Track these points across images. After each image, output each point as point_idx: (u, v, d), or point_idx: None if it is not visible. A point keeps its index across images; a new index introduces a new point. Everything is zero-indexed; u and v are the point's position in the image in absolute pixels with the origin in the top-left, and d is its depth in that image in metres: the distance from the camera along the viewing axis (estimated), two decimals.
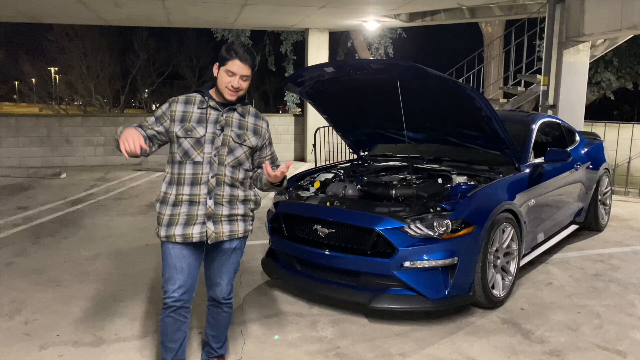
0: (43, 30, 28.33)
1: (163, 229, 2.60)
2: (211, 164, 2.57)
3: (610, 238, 5.80)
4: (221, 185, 2.59)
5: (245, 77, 2.58)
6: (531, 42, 10.24)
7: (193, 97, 2.65)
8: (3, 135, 11.08)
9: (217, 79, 2.59)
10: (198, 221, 2.57)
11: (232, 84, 2.55)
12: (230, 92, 2.57)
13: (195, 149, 2.56)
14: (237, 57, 2.53)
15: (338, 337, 3.45)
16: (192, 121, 2.58)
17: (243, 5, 9.29)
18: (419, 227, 3.56)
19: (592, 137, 6.40)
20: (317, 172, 4.91)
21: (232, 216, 2.65)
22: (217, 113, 2.61)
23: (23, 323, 3.62)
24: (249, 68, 2.57)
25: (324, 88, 4.48)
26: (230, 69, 2.54)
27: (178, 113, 2.59)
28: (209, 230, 2.58)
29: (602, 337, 3.47)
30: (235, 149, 2.62)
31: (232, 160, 2.62)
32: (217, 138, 2.59)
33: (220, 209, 2.60)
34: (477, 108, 3.97)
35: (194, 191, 2.56)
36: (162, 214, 2.61)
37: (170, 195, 2.60)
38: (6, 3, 9.01)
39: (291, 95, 16.77)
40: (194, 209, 2.57)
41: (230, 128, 2.62)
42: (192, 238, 2.57)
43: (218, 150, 2.58)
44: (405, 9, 10.18)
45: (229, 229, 2.64)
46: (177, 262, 2.61)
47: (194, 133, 2.57)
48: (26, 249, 5.33)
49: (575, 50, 7.88)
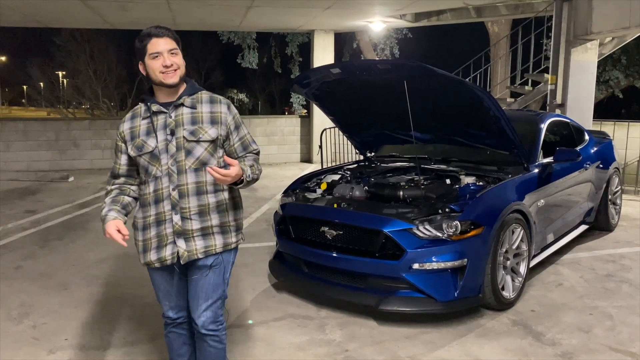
0: (50, 35, 28.49)
1: (141, 256, 2.42)
2: (170, 175, 2.29)
3: (621, 238, 5.73)
4: (185, 197, 2.29)
5: (173, 50, 2.25)
6: (538, 41, 10.19)
7: (138, 109, 2.37)
8: (12, 139, 11.14)
9: (149, 75, 2.27)
10: (169, 241, 2.32)
11: (164, 63, 2.22)
12: (168, 74, 2.23)
13: (153, 163, 2.30)
14: (152, 36, 2.23)
15: (347, 340, 3.43)
16: (141, 135, 2.30)
17: (248, 7, 9.30)
18: (427, 229, 3.53)
19: (601, 136, 6.34)
20: (323, 173, 4.89)
21: (205, 229, 2.34)
22: (164, 116, 2.30)
23: (31, 327, 3.62)
24: (170, 40, 2.25)
25: (330, 89, 4.46)
26: (153, 52, 2.22)
27: (126, 132, 2.34)
28: (181, 249, 2.32)
29: (614, 338, 3.42)
30: (193, 150, 2.29)
31: (193, 162, 2.30)
32: (170, 144, 2.28)
33: (188, 223, 2.31)
34: (485, 108, 3.94)
35: (159, 209, 2.32)
36: (137, 240, 2.42)
37: (139, 220, 2.40)
38: (14, 8, 9.07)
39: (297, 97, 16.81)
40: (162, 229, 2.32)
41: (181, 127, 2.28)
42: (167, 261, 2.34)
43: (175, 158, 2.28)
44: (410, 9, 10.14)
45: (204, 245, 2.34)
46: (162, 286, 2.47)
47: (145, 147, 2.29)
48: (34, 253, 5.34)
49: (583, 48, 7.80)
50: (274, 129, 12.68)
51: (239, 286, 4.34)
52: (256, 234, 5.99)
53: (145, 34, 2.25)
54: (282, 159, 12.64)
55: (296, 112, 15.60)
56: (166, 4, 8.87)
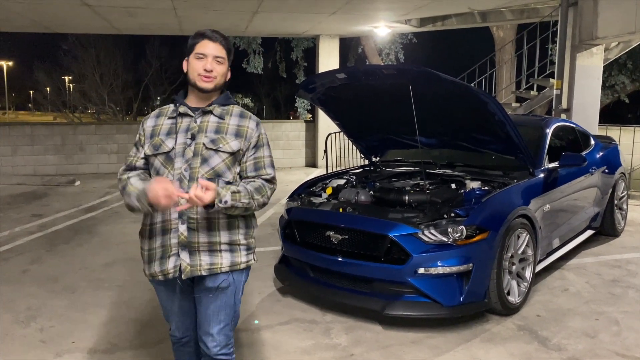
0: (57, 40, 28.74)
1: (145, 266, 2.26)
2: (181, 180, 2.12)
3: (627, 243, 5.71)
4: (194, 206, 2.09)
5: (219, 59, 2.17)
6: (543, 45, 10.18)
7: (166, 108, 2.28)
8: (19, 143, 11.23)
9: (188, 73, 2.19)
10: (172, 252, 2.16)
11: (205, 67, 2.14)
12: (204, 78, 2.15)
13: (166, 166, 2.16)
14: (205, 38, 2.17)
15: (352, 344, 3.43)
16: (161, 134, 2.19)
17: (254, 13, 9.35)
18: (433, 233, 3.53)
19: (607, 141, 6.33)
20: (329, 178, 4.91)
21: (213, 245, 2.17)
22: (189, 120, 2.19)
23: (39, 330, 3.64)
24: (222, 48, 2.18)
25: (335, 94, 4.48)
26: (199, 52, 2.16)
27: (148, 129, 2.23)
28: (184, 263, 2.14)
29: (621, 344, 3.41)
30: (209, 158, 2.15)
31: (207, 171, 2.14)
32: (188, 149, 2.15)
33: (195, 235, 2.14)
34: (491, 113, 3.95)
35: (165, 217, 2.15)
36: (143, 249, 2.27)
37: (146, 227, 2.24)
38: (22, 13, 9.16)
39: (302, 102, 16.85)
40: (167, 238, 2.16)
41: (203, 134, 2.16)
42: (169, 274, 2.17)
43: (190, 163, 2.14)
44: (416, 14, 10.17)
45: (209, 262, 2.16)
46: (167, 304, 2.33)
47: (162, 147, 2.17)
48: (41, 257, 5.38)
49: (588, 53, 7.80)
50: (279, 133, 12.71)
51: (245, 290, 4.33)
52: (261, 238, 6.01)
53: (200, 34, 2.19)
54: (287, 164, 12.67)
55: (301, 116, 15.63)
56: (172, 10, 8.94)
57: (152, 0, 8.32)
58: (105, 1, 8.29)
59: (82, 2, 8.27)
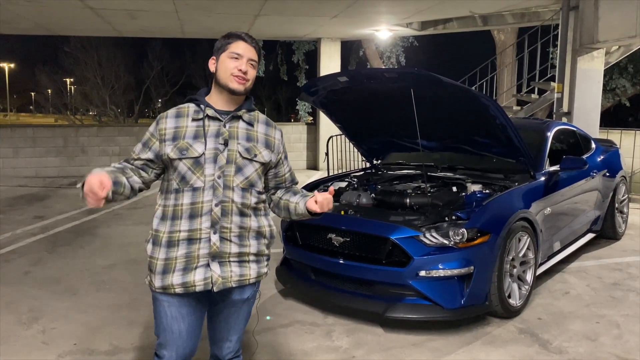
0: (59, 42, 28.82)
1: (157, 277, 2.07)
2: (214, 188, 2.03)
3: (628, 246, 5.72)
4: (228, 215, 2.05)
5: (253, 62, 2.11)
6: (544, 49, 10.22)
7: (185, 108, 2.13)
8: (20, 145, 11.26)
9: (217, 72, 2.09)
10: (200, 263, 2.04)
11: (240, 68, 2.05)
12: (239, 80, 2.06)
13: (195, 171, 2.03)
14: (240, 39, 2.09)
15: (353, 346, 3.44)
16: (187, 137, 2.05)
17: (256, 15, 9.38)
18: (434, 236, 3.54)
19: (608, 145, 6.34)
20: (330, 180, 4.92)
21: (242, 255, 2.10)
22: (217, 124, 2.08)
23: (41, 332, 3.65)
24: (255, 52, 2.12)
25: (337, 97, 4.49)
26: (235, 51, 2.07)
27: (169, 130, 2.07)
28: (215, 275, 2.04)
29: (622, 347, 3.41)
30: (244, 167, 2.08)
31: (241, 181, 2.08)
32: (221, 155, 2.05)
33: (228, 246, 2.06)
34: (492, 116, 3.96)
35: (194, 225, 2.03)
36: (155, 258, 2.08)
37: (163, 234, 2.07)
38: (25, 16, 9.19)
39: (303, 104, 16.87)
40: (194, 248, 2.03)
41: (236, 141, 2.08)
42: (195, 287, 2.04)
43: (223, 171, 2.05)
44: (417, 17, 10.20)
45: (239, 273, 2.10)
46: (175, 325, 2.10)
47: (190, 152, 2.04)
48: (43, 258, 5.39)
49: (589, 57, 7.82)
50: None
51: None
52: None
53: (234, 35, 2.11)
54: None
55: (302, 119, 15.66)
56: (175, 13, 8.97)
57: (155, 3, 8.36)
58: (107, 4, 8.33)
59: (84, 5, 8.31)
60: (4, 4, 8.15)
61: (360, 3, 8.31)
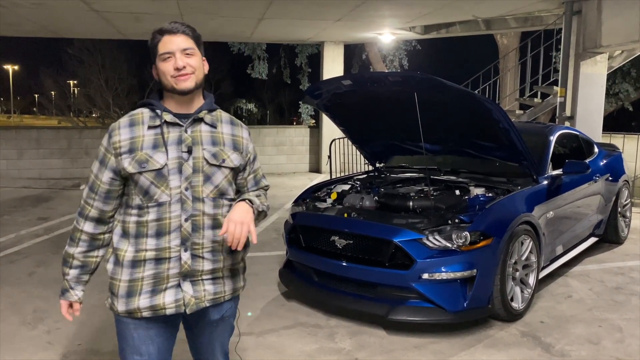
0: (63, 45, 28.93)
1: (121, 301, 1.88)
2: (182, 202, 1.84)
3: (630, 251, 5.72)
4: (200, 230, 1.86)
5: (189, 50, 1.86)
6: (547, 53, 10.21)
7: (139, 114, 1.89)
8: (24, 147, 11.31)
9: (160, 79, 1.88)
10: (170, 284, 1.85)
11: (177, 66, 1.83)
12: (181, 77, 1.84)
13: (158, 185, 1.83)
14: (165, 33, 1.86)
15: (356, 348, 3.45)
16: (145, 148, 1.83)
17: (260, 19, 9.43)
18: (437, 239, 3.56)
19: (610, 149, 6.35)
20: (333, 183, 4.94)
21: (216, 272, 1.92)
22: (178, 130, 1.86)
23: (45, 332, 3.68)
24: (187, 38, 1.86)
25: (341, 100, 4.52)
26: (163, 52, 1.84)
27: (124, 142, 1.84)
28: (187, 296, 1.86)
29: (624, 350, 3.42)
30: (213, 175, 1.88)
31: (211, 190, 1.88)
32: (186, 164, 1.85)
33: (200, 263, 1.87)
34: (495, 120, 3.98)
35: (162, 244, 1.83)
36: (117, 279, 1.89)
37: (127, 254, 1.87)
38: (30, 18, 9.25)
39: (305, 107, 16.91)
40: (164, 268, 1.84)
41: (200, 146, 1.87)
42: (165, 309, 1.85)
43: (190, 181, 1.85)
44: (420, 21, 10.23)
45: (213, 291, 1.92)
46: (143, 346, 1.92)
47: (151, 164, 1.82)
48: (47, 259, 5.41)
49: (592, 61, 7.83)
50: (283, 139, 12.77)
51: (250, 295, 4.38)
52: (266, 243, 6.04)
53: (157, 31, 1.88)
54: (291, 169, 12.71)
55: (304, 122, 15.69)
56: (179, 16, 9.02)
57: (159, 6, 8.40)
58: (112, 7, 8.38)
59: (89, 8, 8.36)
60: (9, 7, 8.21)
61: (364, 7, 8.34)
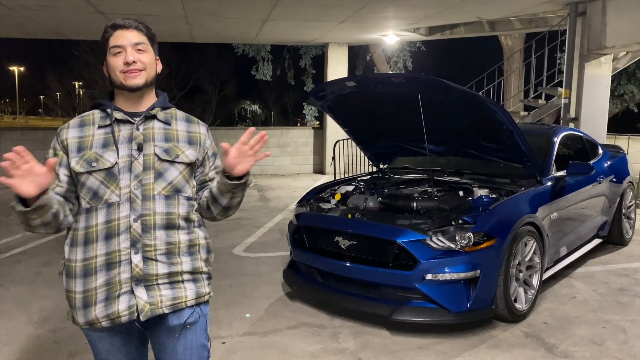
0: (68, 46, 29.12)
1: (80, 313, 1.78)
2: (131, 201, 1.75)
3: (635, 252, 5.71)
4: (150, 231, 1.76)
5: (140, 45, 1.80)
6: (552, 54, 10.21)
7: (89, 116, 1.83)
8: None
9: (110, 75, 1.81)
10: (123, 290, 1.74)
11: (127, 60, 1.76)
12: (130, 73, 1.77)
13: (108, 184, 1.75)
14: (117, 28, 1.81)
15: (360, 349, 3.47)
16: (95, 147, 1.77)
17: (264, 20, 9.46)
18: (440, 240, 3.57)
19: (615, 150, 6.34)
20: (337, 184, 4.96)
21: (174, 275, 1.80)
22: (129, 127, 1.80)
23: (52, 331, 3.71)
24: (139, 33, 1.81)
25: (345, 102, 4.54)
26: (114, 45, 1.79)
27: (71, 141, 1.78)
28: (140, 302, 1.74)
29: (628, 352, 3.42)
30: (165, 171, 1.80)
31: (164, 187, 1.79)
32: (136, 161, 1.77)
33: (153, 266, 1.76)
34: (499, 121, 3.99)
35: (111, 247, 1.74)
36: (72, 292, 1.78)
37: (75, 264, 1.77)
38: (37, 20, 9.32)
39: (310, 109, 16.94)
40: (114, 273, 1.74)
41: (152, 143, 1.80)
42: (120, 317, 1.75)
43: (140, 180, 1.76)
44: (424, 22, 10.24)
45: (172, 296, 1.79)
46: (111, 357, 1.87)
47: (100, 162, 1.75)
48: (53, 259, 5.46)
49: (597, 62, 7.83)
50: (287, 140, 12.80)
51: (254, 295, 4.41)
52: (270, 243, 6.06)
53: (109, 26, 1.82)
54: (295, 170, 12.74)
55: (309, 123, 15.72)
56: (184, 18, 9.06)
57: (165, 8, 8.45)
58: (118, 8, 8.43)
59: (95, 10, 8.41)
60: (15, 8, 8.27)
61: (368, 8, 8.36)
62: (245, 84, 35.00)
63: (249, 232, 6.56)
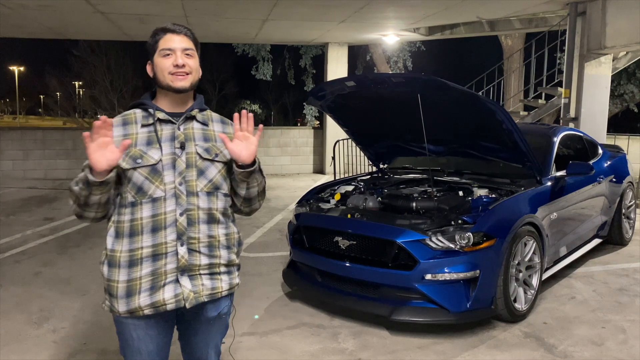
0: (68, 46, 29.10)
1: (121, 302, 1.87)
2: (177, 196, 1.87)
3: (634, 252, 5.71)
4: (195, 224, 1.90)
5: (189, 51, 1.91)
6: (552, 54, 10.20)
7: (131, 115, 1.94)
8: (30, 147, 11.38)
9: (156, 75, 1.93)
10: (169, 280, 1.87)
11: (176, 63, 1.88)
12: (179, 76, 1.88)
13: (153, 180, 1.86)
14: (167, 32, 1.91)
15: (359, 349, 3.47)
16: (139, 144, 1.87)
17: (264, 20, 9.46)
18: (440, 240, 3.57)
19: (615, 150, 6.34)
20: (337, 184, 4.96)
21: (213, 267, 1.95)
22: (171, 127, 1.91)
23: (51, 331, 3.71)
24: (188, 40, 1.92)
25: (344, 102, 4.54)
26: (165, 47, 1.89)
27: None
28: (186, 290, 1.88)
29: (627, 352, 3.42)
30: (206, 169, 1.92)
31: (205, 185, 1.92)
32: (179, 159, 1.89)
33: (197, 257, 1.90)
34: (498, 121, 3.98)
35: (158, 239, 1.86)
36: (114, 281, 1.88)
37: (120, 254, 1.87)
38: (37, 20, 9.32)
39: (310, 109, 16.93)
40: (161, 264, 1.86)
41: (193, 142, 1.92)
42: (166, 305, 1.87)
43: (184, 176, 1.89)
44: (424, 22, 10.24)
45: (211, 286, 1.94)
46: (143, 346, 1.97)
47: (145, 159, 1.86)
48: (53, 259, 5.45)
49: (597, 62, 7.82)
50: (287, 140, 12.80)
51: (253, 295, 4.40)
52: (270, 243, 6.06)
53: (160, 29, 1.93)
54: (295, 170, 12.74)
55: (309, 123, 15.72)
56: (184, 17, 9.06)
57: (165, 8, 8.45)
58: (118, 9, 8.43)
59: (95, 10, 8.41)
60: (15, 8, 8.27)
61: (368, 8, 8.36)
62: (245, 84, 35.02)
63: (248, 232, 6.56)
